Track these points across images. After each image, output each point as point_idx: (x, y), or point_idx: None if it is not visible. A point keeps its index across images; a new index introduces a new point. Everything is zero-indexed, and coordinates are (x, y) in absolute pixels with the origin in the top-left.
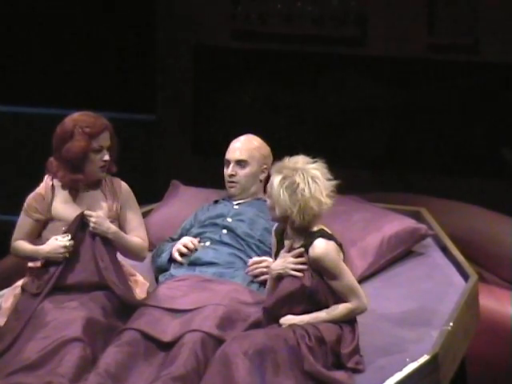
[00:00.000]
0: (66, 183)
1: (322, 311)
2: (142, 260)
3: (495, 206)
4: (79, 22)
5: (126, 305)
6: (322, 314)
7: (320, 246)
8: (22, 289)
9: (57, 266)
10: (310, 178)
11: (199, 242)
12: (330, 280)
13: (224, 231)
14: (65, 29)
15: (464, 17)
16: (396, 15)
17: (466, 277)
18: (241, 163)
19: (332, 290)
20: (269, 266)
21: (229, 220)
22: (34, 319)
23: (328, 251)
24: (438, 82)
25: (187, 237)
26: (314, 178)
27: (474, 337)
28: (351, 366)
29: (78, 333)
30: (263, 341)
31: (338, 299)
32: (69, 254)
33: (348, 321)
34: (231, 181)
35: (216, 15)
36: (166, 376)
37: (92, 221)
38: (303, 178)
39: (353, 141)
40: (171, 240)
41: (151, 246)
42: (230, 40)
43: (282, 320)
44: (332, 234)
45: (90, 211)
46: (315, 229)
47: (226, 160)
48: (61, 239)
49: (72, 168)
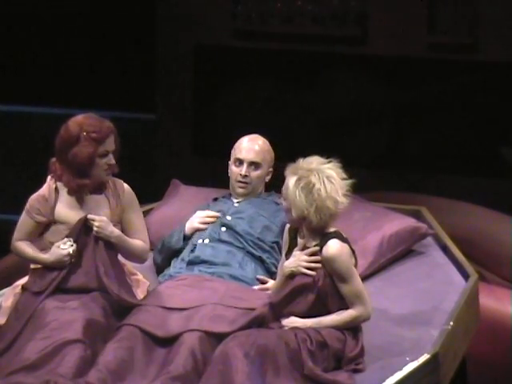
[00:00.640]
0: (73, 188)
1: (326, 316)
2: (143, 262)
3: (495, 205)
4: (79, 22)
5: (125, 306)
6: (324, 319)
7: (334, 247)
8: (23, 288)
9: (60, 269)
10: (325, 177)
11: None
12: (339, 282)
13: (223, 229)
14: (65, 28)
15: (464, 16)
16: (396, 14)
17: (466, 276)
18: (254, 165)
19: (340, 296)
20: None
21: (228, 218)
22: (35, 319)
23: (341, 252)
24: (438, 81)
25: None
26: (329, 178)
27: (474, 336)
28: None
29: (79, 334)
30: (265, 342)
31: (344, 305)
32: (73, 259)
33: (351, 328)
34: (244, 181)
35: (216, 15)
36: (165, 376)
37: (95, 225)
38: (319, 178)
39: (353, 140)
40: None
41: (151, 245)
42: (231, 39)
43: (284, 322)
44: (346, 238)
45: (93, 215)
46: (331, 230)
47: (238, 159)
48: (63, 247)
49: (78, 173)
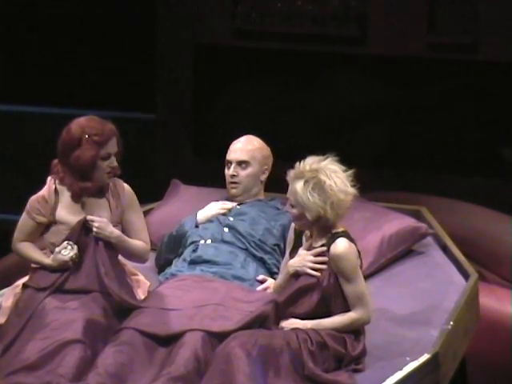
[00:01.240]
0: (75, 191)
1: (325, 319)
2: (143, 262)
3: (495, 204)
4: (79, 22)
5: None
6: (324, 321)
7: (342, 245)
8: (24, 286)
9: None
10: (331, 173)
11: (199, 242)
12: (344, 282)
13: (226, 229)
14: (64, 28)
15: (464, 16)
16: (396, 14)
17: (466, 276)
18: (242, 164)
19: (343, 298)
20: (270, 288)
21: (230, 219)
22: (35, 319)
23: (349, 251)
24: (438, 81)
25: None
26: (335, 173)
27: (474, 336)
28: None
29: (79, 334)
30: (267, 342)
31: (346, 308)
32: (76, 261)
33: (353, 330)
34: (233, 181)
35: (216, 14)
36: (166, 376)
37: (95, 225)
38: (326, 175)
39: (353, 140)
40: None
41: (152, 245)
42: (230, 39)
43: (284, 323)
44: (354, 239)
45: (92, 216)
46: (340, 229)
47: (227, 161)
48: (64, 252)
49: (80, 176)
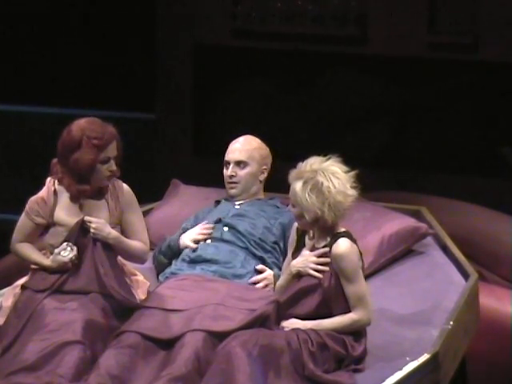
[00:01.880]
0: (73, 193)
1: (325, 320)
2: (143, 263)
3: (495, 204)
4: (79, 22)
5: (126, 307)
6: (324, 322)
7: (344, 245)
8: (23, 287)
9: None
10: (331, 174)
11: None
12: (345, 282)
13: (225, 228)
14: (64, 28)
15: (464, 16)
16: (396, 14)
17: (466, 276)
18: (240, 164)
19: (345, 299)
20: (269, 285)
21: (230, 218)
22: (34, 320)
23: (351, 251)
24: (438, 80)
25: (195, 228)
26: (334, 174)
27: (474, 336)
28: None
29: (78, 334)
30: (267, 342)
31: (347, 309)
32: (76, 262)
33: (354, 332)
34: (231, 181)
35: (216, 14)
36: (167, 376)
37: (92, 226)
38: (325, 176)
39: (353, 139)
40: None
41: (152, 245)
42: (231, 39)
43: (285, 323)
44: (356, 240)
45: (90, 217)
46: (341, 230)
47: (226, 161)
48: (63, 254)
49: (79, 179)
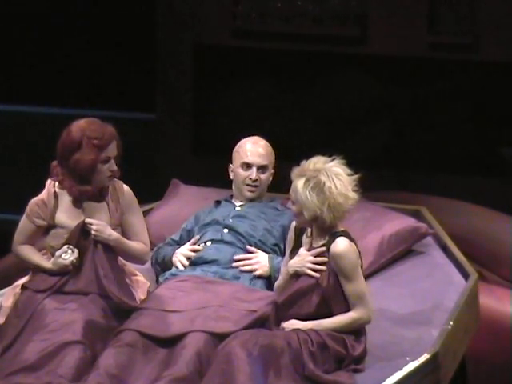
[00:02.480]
0: (74, 194)
1: (325, 319)
2: (143, 264)
3: (495, 204)
4: (79, 22)
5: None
6: (325, 321)
7: (342, 244)
8: (23, 287)
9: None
10: (334, 175)
11: (200, 244)
12: (344, 281)
13: (225, 230)
14: (65, 28)
15: (464, 16)
16: (396, 14)
17: (466, 276)
18: (263, 168)
19: (344, 298)
20: (259, 262)
21: (230, 220)
22: (34, 320)
23: (349, 250)
24: (438, 80)
25: (185, 246)
26: (337, 175)
27: (474, 336)
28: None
29: (78, 335)
30: (268, 342)
31: (347, 308)
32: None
33: (354, 331)
34: (254, 185)
35: (216, 14)
36: (168, 377)
37: (93, 228)
38: (328, 177)
39: (353, 139)
40: (172, 241)
41: (152, 245)
42: (231, 39)
43: (285, 324)
44: (354, 238)
45: (90, 219)
46: (340, 229)
47: (247, 163)
48: (64, 256)
49: (80, 179)
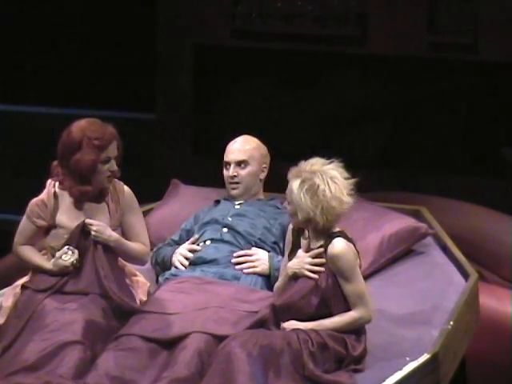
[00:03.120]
0: (75, 195)
1: (326, 319)
2: (143, 265)
3: (495, 204)
4: (79, 22)
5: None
6: (325, 321)
7: (339, 245)
8: (23, 286)
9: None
10: (329, 178)
11: (199, 244)
12: (343, 281)
13: (225, 229)
14: (65, 28)
15: (464, 16)
16: (396, 14)
17: (466, 276)
18: (241, 164)
19: (343, 298)
20: (259, 259)
21: (229, 219)
22: (34, 320)
23: (347, 251)
24: (437, 80)
25: (183, 246)
26: (333, 179)
27: (474, 336)
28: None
29: (78, 335)
30: (268, 342)
31: (347, 308)
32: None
33: (354, 330)
34: (233, 182)
35: (216, 14)
36: (168, 377)
37: (93, 229)
38: (323, 179)
39: (353, 139)
40: (171, 241)
41: (151, 245)
42: (231, 39)
43: (285, 324)
44: (351, 238)
45: (90, 220)
46: (336, 230)
47: (226, 162)
48: (65, 258)
49: (80, 180)
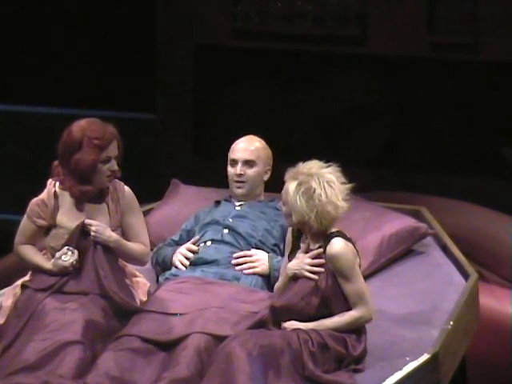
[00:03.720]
0: (75, 194)
1: (327, 319)
2: (143, 265)
3: (495, 204)
4: (79, 21)
5: (125, 309)
6: (326, 321)
7: (338, 245)
8: (23, 286)
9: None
10: (325, 182)
11: (200, 244)
12: (343, 281)
13: (225, 231)
14: (65, 28)
15: (464, 16)
16: (396, 14)
17: (466, 276)
18: (249, 163)
19: (344, 298)
20: (259, 260)
21: (230, 220)
22: (34, 320)
23: (346, 251)
24: (438, 80)
25: (184, 246)
26: (329, 183)
27: (474, 336)
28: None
29: (78, 335)
30: (268, 342)
31: (347, 308)
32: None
33: (354, 330)
34: (240, 180)
35: (216, 14)
36: (168, 378)
37: (92, 230)
38: (319, 183)
39: (353, 139)
40: (172, 242)
41: (152, 245)
42: (231, 39)
43: (285, 324)
44: (350, 238)
45: (90, 220)
46: (333, 230)
47: (233, 160)
48: (64, 258)
49: (80, 179)
